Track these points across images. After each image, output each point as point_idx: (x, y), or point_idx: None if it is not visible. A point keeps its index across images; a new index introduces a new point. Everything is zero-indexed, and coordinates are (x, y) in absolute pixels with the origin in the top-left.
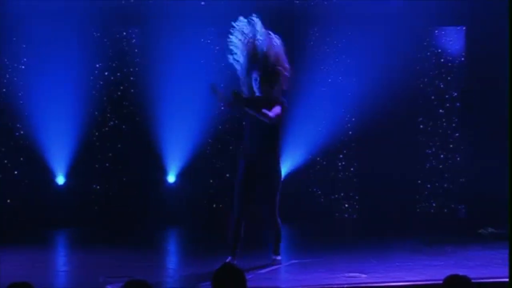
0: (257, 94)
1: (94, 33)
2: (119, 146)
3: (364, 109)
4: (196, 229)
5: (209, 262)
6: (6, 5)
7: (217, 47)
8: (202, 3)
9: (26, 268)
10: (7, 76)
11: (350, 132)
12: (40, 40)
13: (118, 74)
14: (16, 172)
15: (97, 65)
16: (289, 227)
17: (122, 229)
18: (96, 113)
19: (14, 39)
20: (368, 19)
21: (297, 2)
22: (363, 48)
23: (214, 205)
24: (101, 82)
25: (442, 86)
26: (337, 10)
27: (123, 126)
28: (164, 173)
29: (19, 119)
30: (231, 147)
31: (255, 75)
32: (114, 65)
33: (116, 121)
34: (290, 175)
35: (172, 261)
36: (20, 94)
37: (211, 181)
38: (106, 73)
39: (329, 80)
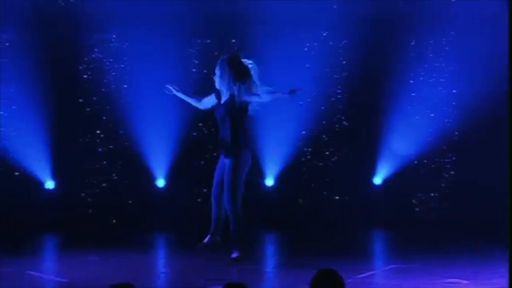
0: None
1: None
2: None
3: (464, 112)
4: (302, 231)
5: (311, 265)
6: (105, 6)
7: (313, 52)
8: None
9: (127, 269)
10: (107, 77)
11: (456, 133)
12: (141, 40)
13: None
14: (114, 175)
15: (195, 61)
16: (387, 233)
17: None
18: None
19: (114, 36)
20: (466, 21)
21: (401, 6)
22: (458, 50)
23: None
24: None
25: None
26: (439, 11)
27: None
28: (263, 176)
29: (120, 120)
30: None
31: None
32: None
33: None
34: (389, 180)
35: (270, 264)
36: (122, 93)
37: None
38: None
39: (431, 81)
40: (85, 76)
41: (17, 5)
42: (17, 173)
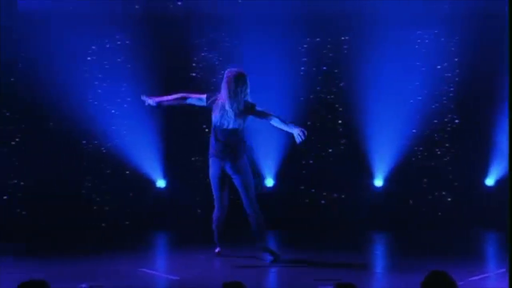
0: None
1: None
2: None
3: None
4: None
5: (422, 266)
6: (215, 6)
7: (423, 50)
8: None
9: (236, 268)
10: (217, 76)
11: None
12: (251, 39)
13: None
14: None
15: (304, 59)
16: (500, 234)
17: (330, 232)
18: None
19: (223, 34)
20: None
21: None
22: None
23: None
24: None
25: None
26: None
27: (338, 128)
28: (371, 177)
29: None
30: None
31: None
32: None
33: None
34: (502, 181)
35: (379, 265)
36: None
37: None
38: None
39: None
40: (193, 75)
41: (129, 5)
42: (127, 172)
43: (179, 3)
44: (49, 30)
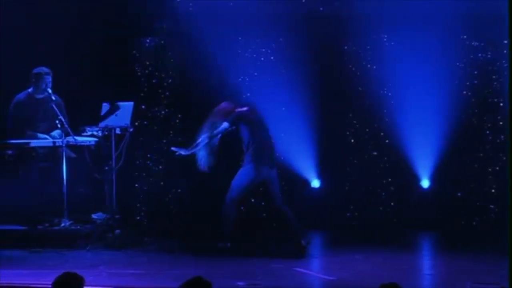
0: None
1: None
2: (488, 147)
3: None
4: None
5: None
6: (376, 7)
7: None
8: None
9: (392, 269)
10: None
11: None
12: (409, 40)
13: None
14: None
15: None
16: None
17: (487, 234)
18: (464, 117)
19: (385, 37)
20: None
21: None
22: None
23: None
24: (468, 83)
25: None
26: None
27: (487, 131)
28: None
29: (383, 117)
30: None
31: None
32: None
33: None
34: None
35: None
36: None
37: None
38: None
39: None
40: (348, 67)
41: (281, 6)
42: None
43: (324, 8)
44: (206, 29)
